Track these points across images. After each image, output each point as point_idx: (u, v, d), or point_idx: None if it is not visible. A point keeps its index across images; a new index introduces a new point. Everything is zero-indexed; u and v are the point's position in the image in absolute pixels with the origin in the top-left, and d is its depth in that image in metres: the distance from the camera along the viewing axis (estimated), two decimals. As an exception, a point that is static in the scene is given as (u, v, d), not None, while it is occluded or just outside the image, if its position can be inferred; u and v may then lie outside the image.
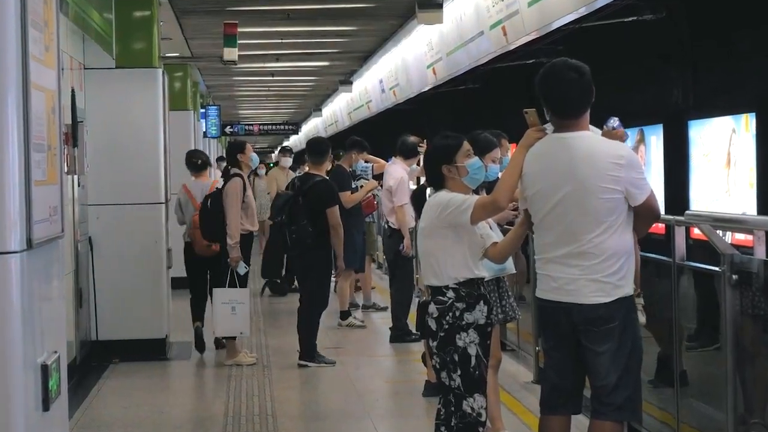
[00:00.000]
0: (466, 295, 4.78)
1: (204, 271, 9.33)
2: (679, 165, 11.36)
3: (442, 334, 4.78)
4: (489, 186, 5.59)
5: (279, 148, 14.06)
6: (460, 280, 4.78)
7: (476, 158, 4.95)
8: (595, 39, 11.53)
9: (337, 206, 8.64)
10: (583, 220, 4.29)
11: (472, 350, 4.76)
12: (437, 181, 4.94)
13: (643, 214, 4.36)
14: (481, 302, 4.81)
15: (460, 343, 4.76)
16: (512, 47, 10.56)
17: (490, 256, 4.90)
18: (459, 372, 4.75)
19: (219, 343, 9.28)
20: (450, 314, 4.77)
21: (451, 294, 4.78)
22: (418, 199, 6.64)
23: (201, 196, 9.24)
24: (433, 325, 4.81)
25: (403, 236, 9.68)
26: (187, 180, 9.79)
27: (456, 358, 4.75)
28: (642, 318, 4.64)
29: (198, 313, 9.42)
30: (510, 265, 5.87)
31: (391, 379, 8.36)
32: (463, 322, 4.76)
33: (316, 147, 9.05)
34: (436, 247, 4.83)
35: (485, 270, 4.96)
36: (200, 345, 9.28)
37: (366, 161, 11.16)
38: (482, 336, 4.79)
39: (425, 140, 9.36)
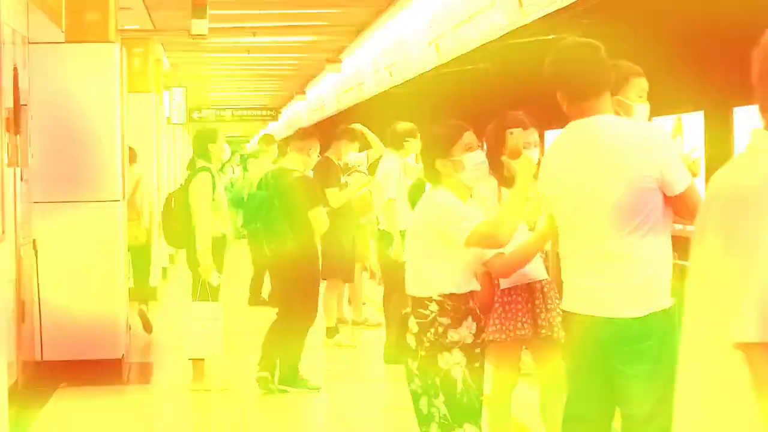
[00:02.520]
0: (452, 309, 4.77)
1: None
2: (724, 160, 11.33)
3: (422, 353, 4.78)
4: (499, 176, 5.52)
5: (260, 136, 14.04)
6: (446, 292, 4.78)
7: (478, 151, 4.93)
8: (625, 11, 11.53)
9: (321, 206, 8.63)
10: (612, 218, 4.27)
11: (457, 373, 4.76)
12: (432, 176, 4.96)
13: (681, 208, 4.28)
14: (469, 318, 4.80)
15: (442, 365, 4.76)
16: (529, 21, 10.55)
17: (497, 270, 4.91)
18: (442, 398, 4.75)
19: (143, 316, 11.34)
20: (432, 330, 4.77)
21: (434, 307, 4.77)
22: (416, 195, 6.63)
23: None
24: (412, 342, 4.81)
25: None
26: None
27: (437, 381, 4.76)
28: None
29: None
30: (537, 271, 5.71)
31: (387, 408, 8.35)
32: (447, 341, 4.76)
33: (303, 129, 9.48)
34: (424, 251, 4.84)
35: (477, 284, 4.92)
36: (148, 327, 11.36)
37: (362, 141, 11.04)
38: (470, 357, 4.79)
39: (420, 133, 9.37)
